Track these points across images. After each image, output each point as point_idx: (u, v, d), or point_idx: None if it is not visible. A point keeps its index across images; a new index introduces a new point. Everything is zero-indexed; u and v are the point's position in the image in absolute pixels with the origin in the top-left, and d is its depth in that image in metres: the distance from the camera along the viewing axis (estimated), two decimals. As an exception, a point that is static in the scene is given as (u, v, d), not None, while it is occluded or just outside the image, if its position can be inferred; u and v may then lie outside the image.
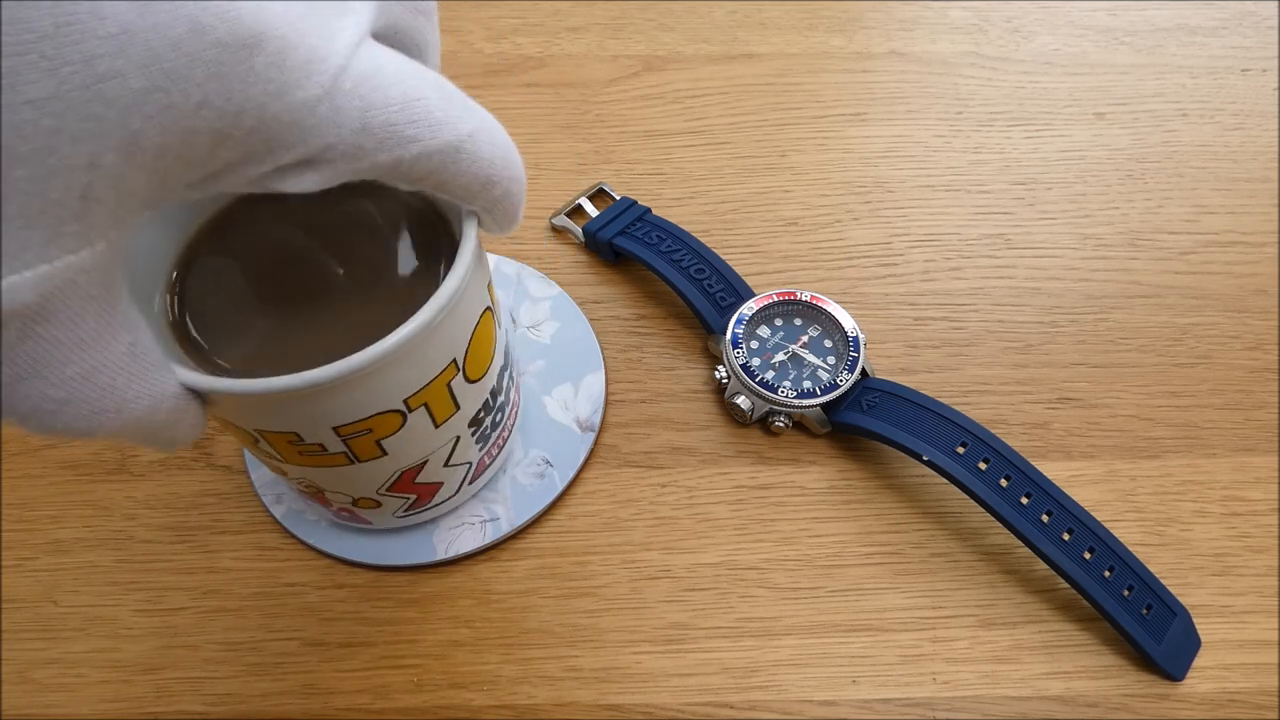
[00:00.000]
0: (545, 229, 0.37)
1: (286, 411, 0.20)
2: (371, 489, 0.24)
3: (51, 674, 0.26)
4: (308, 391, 0.18)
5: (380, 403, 0.20)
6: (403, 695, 0.26)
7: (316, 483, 0.24)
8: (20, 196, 0.13)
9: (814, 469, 0.30)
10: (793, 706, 0.25)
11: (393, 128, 0.16)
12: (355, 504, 0.25)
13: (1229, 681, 0.25)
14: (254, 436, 0.21)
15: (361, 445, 0.22)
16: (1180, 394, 0.31)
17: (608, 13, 0.45)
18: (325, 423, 0.20)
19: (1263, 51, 0.43)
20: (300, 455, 0.22)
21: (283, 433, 0.21)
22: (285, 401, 0.19)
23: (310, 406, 0.20)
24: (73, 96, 0.13)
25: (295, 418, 0.20)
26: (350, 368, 0.18)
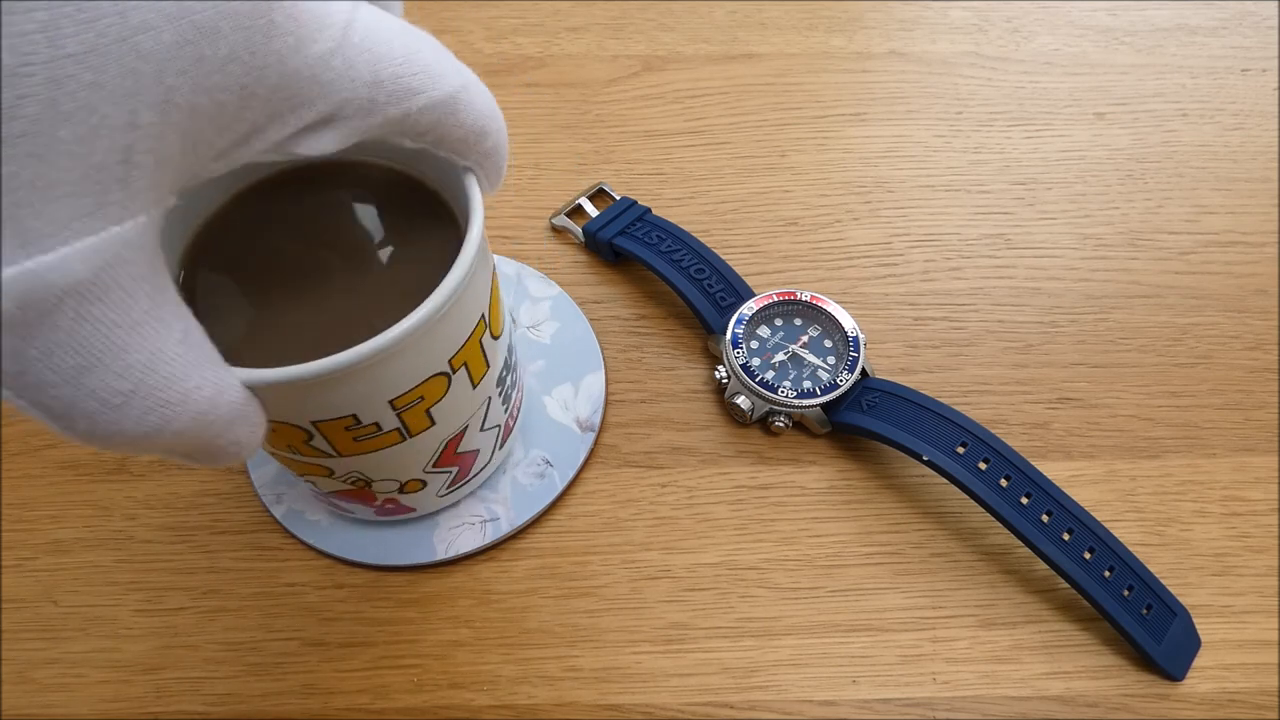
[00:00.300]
0: (545, 229, 0.37)
1: (347, 391, 0.20)
2: (419, 467, 0.24)
3: (51, 674, 0.26)
4: (371, 362, 0.18)
5: (429, 365, 0.21)
6: (403, 695, 0.26)
7: (366, 473, 0.24)
8: (66, 159, 0.13)
9: (814, 469, 0.30)
10: (793, 706, 0.25)
11: (399, 80, 0.16)
12: (403, 489, 0.25)
13: (1229, 681, 0.25)
14: (307, 432, 0.21)
15: (413, 416, 0.22)
16: (1180, 394, 0.31)
17: (608, 13, 0.45)
18: (382, 397, 0.20)
19: (1263, 51, 0.43)
20: (355, 442, 0.22)
21: (340, 418, 0.20)
22: (347, 379, 0.19)
23: (369, 381, 0.20)
24: (110, 50, 0.13)
25: (354, 397, 0.20)
26: (411, 327, 0.18)
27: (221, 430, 0.17)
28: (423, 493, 0.26)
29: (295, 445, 0.22)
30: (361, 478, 0.24)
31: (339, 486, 0.25)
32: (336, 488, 0.25)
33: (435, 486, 0.26)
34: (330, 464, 0.23)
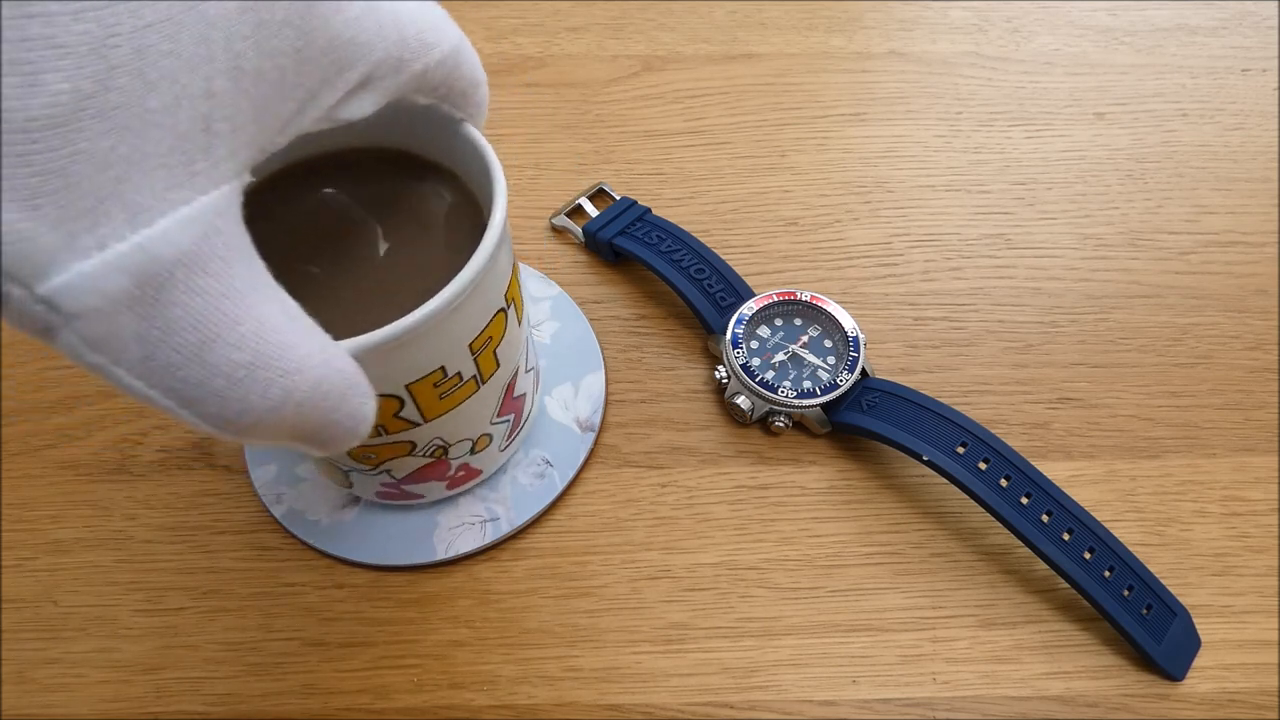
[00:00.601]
0: (545, 229, 0.37)
1: (436, 341, 0.20)
2: (487, 418, 0.25)
3: (51, 674, 0.26)
4: (458, 303, 0.19)
5: (493, 301, 0.22)
6: (403, 695, 0.26)
7: (445, 437, 0.24)
8: (156, 130, 0.13)
9: (814, 469, 0.30)
10: (793, 706, 0.25)
11: (420, 35, 0.17)
12: (474, 448, 0.26)
13: (1229, 681, 0.25)
14: (400, 400, 0.21)
15: (485, 360, 0.23)
16: (1180, 394, 0.31)
17: (608, 13, 0.45)
18: (462, 341, 0.21)
19: (1263, 51, 0.43)
20: (440, 400, 0.22)
21: (429, 375, 0.21)
22: (438, 328, 0.20)
23: (453, 326, 0.21)
24: (184, 19, 0.13)
25: (442, 345, 0.21)
26: (484, 260, 0.20)
27: (338, 402, 0.16)
28: (489, 450, 0.27)
29: (384, 422, 0.22)
30: (441, 444, 0.24)
31: (417, 464, 0.25)
32: (414, 466, 0.25)
33: (498, 439, 0.27)
34: (414, 435, 0.23)
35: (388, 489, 0.27)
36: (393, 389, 0.21)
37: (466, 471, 0.27)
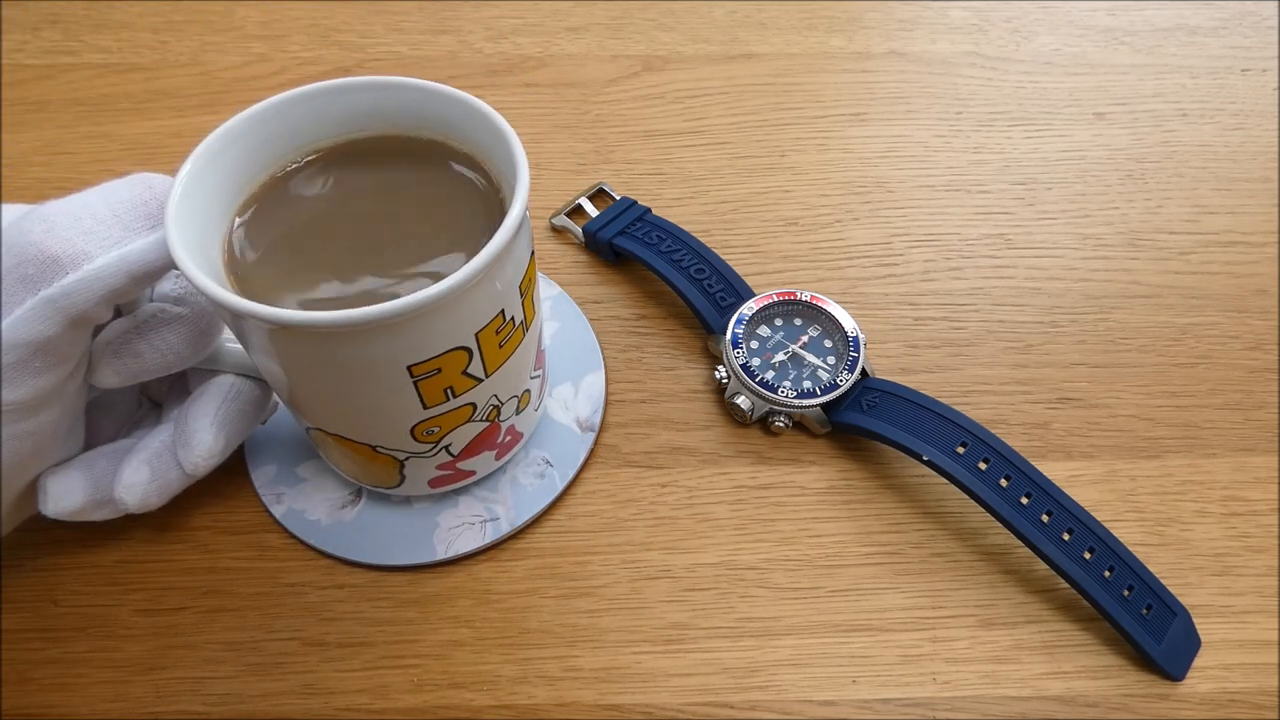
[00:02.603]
0: (545, 229, 0.37)
1: (500, 280, 0.22)
2: (528, 370, 0.26)
3: (51, 674, 0.26)
4: (515, 237, 0.21)
5: (527, 245, 0.23)
6: (403, 695, 0.26)
7: (500, 393, 0.25)
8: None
9: (814, 469, 0.30)
10: (793, 706, 0.25)
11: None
12: (519, 406, 0.26)
13: (1229, 681, 0.25)
14: (469, 352, 0.22)
15: (528, 304, 0.24)
16: (1180, 394, 0.31)
17: (608, 13, 0.45)
18: (515, 281, 0.23)
19: (1263, 51, 0.43)
20: (500, 349, 0.23)
21: (492, 320, 0.22)
22: (501, 265, 0.21)
23: (509, 265, 0.22)
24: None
25: (503, 286, 0.22)
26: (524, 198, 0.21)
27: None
28: (527, 410, 0.27)
29: (452, 383, 0.23)
30: (495, 403, 0.25)
31: (474, 431, 0.25)
32: (471, 435, 0.25)
33: (534, 397, 0.27)
34: (475, 395, 0.24)
35: (443, 471, 0.27)
36: (464, 340, 0.22)
37: (513, 436, 0.27)
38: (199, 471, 0.25)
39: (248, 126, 0.23)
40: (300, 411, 0.25)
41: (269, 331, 0.20)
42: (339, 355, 0.21)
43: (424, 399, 0.23)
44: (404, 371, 0.21)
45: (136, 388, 0.27)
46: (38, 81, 0.43)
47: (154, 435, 0.25)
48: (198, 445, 0.24)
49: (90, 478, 0.25)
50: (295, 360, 0.22)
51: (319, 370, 0.22)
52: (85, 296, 0.20)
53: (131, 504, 0.25)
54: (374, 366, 0.21)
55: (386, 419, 0.24)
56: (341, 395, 0.22)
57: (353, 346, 0.20)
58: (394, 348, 0.21)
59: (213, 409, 0.25)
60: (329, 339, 0.20)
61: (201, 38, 0.45)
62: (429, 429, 0.24)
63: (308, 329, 0.20)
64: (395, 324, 0.20)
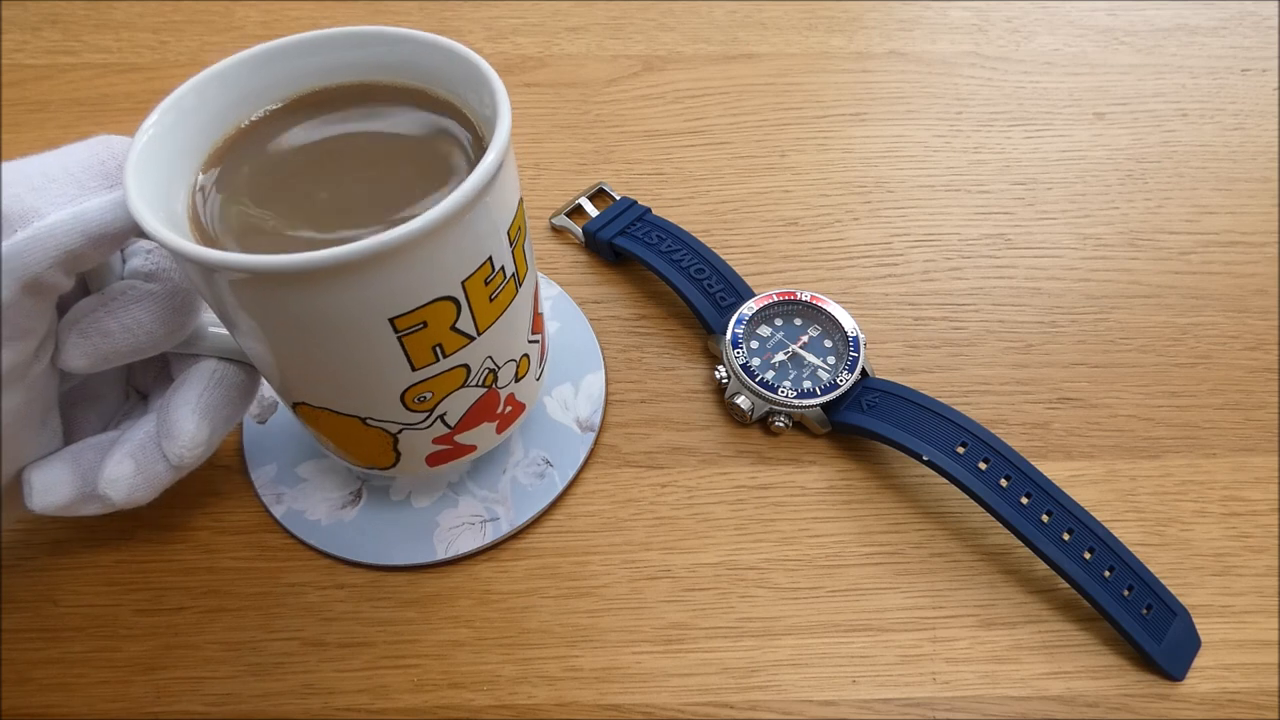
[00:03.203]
0: (545, 229, 0.37)
1: (484, 221, 0.21)
2: (524, 333, 0.25)
3: (51, 674, 0.26)
4: (497, 172, 0.20)
5: (514, 188, 0.22)
6: (403, 695, 0.26)
7: (495, 354, 0.24)
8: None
9: (814, 469, 0.30)
10: (793, 706, 0.25)
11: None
12: (517, 374, 0.25)
13: (1229, 681, 0.25)
14: (456, 304, 0.21)
15: (519, 255, 0.23)
16: (1180, 394, 0.31)
17: (608, 13, 0.45)
18: (502, 225, 0.21)
19: (1263, 51, 0.43)
20: (490, 303, 0.22)
21: (480, 268, 0.21)
22: (485, 204, 0.20)
23: (493, 206, 0.21)
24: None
25: (488, 229, 0.21)
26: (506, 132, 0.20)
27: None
28: (527, 379, 0.26)
29: (442, 340, 0.22)
30: (491, 367, 0.24)
31: (471, 398, 0.24)
32: (468, 403, 0.24)
33: (534, 365, 0.26)
34: (468, 356, 0.23)
35: (440, 445, 0.26)
36: (449, 289, 0.21)
37: (513, 406, 0.26)
38: (185, 463, 0.23)
39: (219, 80, 0.22)
40: (285, 383, 0.24)
41: (239, 284, 0.19)
42: (316, 307, 0.19)
43: (411, 358, 0.22)
44: (386, 325, 0.20)
45: (121, 379, 0.26)
46: (38, 81, 0.43)
47: (138, 426, 0.24)
48: (180, 434, 0.23)
49: (77, 470, 0.24)
50: (271, 318, 0.20)
51: (297, 329, 0.20)
52: (37, 257, 0.19)
53: (117, 499, 0.23)
54: (354, 320, 0.20)
55: (373, 383, 0.22)
56: (324, 358, 0.21)
57: (329, 295, 0.19)
58: (372, 296, 0.19)
59: (195, 395, 0.23)
60: (303, 287, 0.19)
61: (201, 38, 0.45)
62: (420, 395, 0.23)
63: (278, 274, 0.18)
64: (370, 266, 0.19)
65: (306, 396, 0.23)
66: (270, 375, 0.24)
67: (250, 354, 0.23)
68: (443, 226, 0.19)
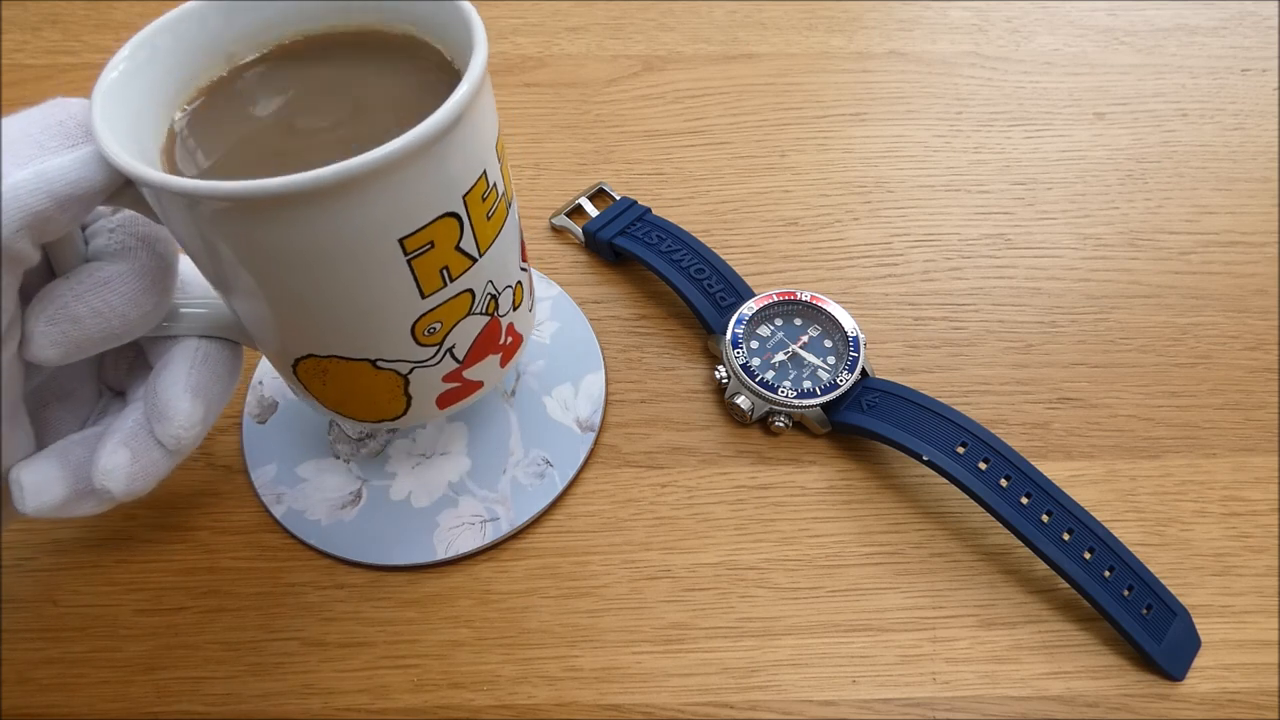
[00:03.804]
0: (545, 229, 0.37)
1: (475, 133, 0.20)
2: (516, 259, 0.25)
3: (51, 674, 0.26)
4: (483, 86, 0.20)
5: (493, 108, 0.22)
6: (403, 695, 0.26)
7: (495, 278, 0.23)
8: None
9: (814, 469, 0.30)
10: (793, 706, 0.25)
11: None
12: (514, 302, 0.25)
13: (1229, 681, 0.25)
14: (459, 220, 0.21)
15: (505, 172, 0.23)
16: (1180, 394, 0.31)
17: (608, 13, 0.45)
18: (489, 141, 0.21)
19: (1263, 51, 0.43)
20: (488, 221, 0.22)
21: (477, 183, 0.21)
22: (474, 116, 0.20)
23: (481, 119, 0.20)
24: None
25: (479, 143, 0.21)
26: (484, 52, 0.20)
27: None
28: (522, 309, 0.26)
29: (448, 262, 0.21)
30: (492, 291, 0.24)
31: (476, 328, 0.24)
32: (473, 334, 0.24)
33: (526, 295, 0.26)
34: (472, 279, 0.22)
35: (450, 384, 0.25)
36: (452, 204, 0.20)
37: (514, 337, 0.26)
38: (182, 445, 0.22)
39: (196, 19, 0.21)
40: (288, 337, 0.23)
41: (239, 221, 0.18)
42: (326, 234, 0.19)
43: (421, 284, 0.21)
44: (396, 247, 0.20)
45: (93, 373, 0.25)
46: (38, 81, 0.43)
47: (124, 416, 0.23)
48: (175, 415, 0.22)
49: (67, 466, 0.22)
50: (277, 256, 0.19)
51: (305, 264, 0.20)
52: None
53: (116, 490, 0.22)
54: (364, 243, 0.19)
55: (385, 316, 0.22)
56: (334, 294, 0.20)
57: (338, 218, 0.18)
58: (381, 214, 0.19)
59: (183, 375, 0.22)
60: (311, 211, 0.18)
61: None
62: (430, 326, 0.22)
63: (286, 197, 0.17)
64: (378, 180, 0.18)
65: (313, 346, 0.22)
66: (268, 333, 0.23)
67: (246, 314, 0.22)
68: (444, 133, 0.18)
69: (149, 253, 0.21)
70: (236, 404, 0.31)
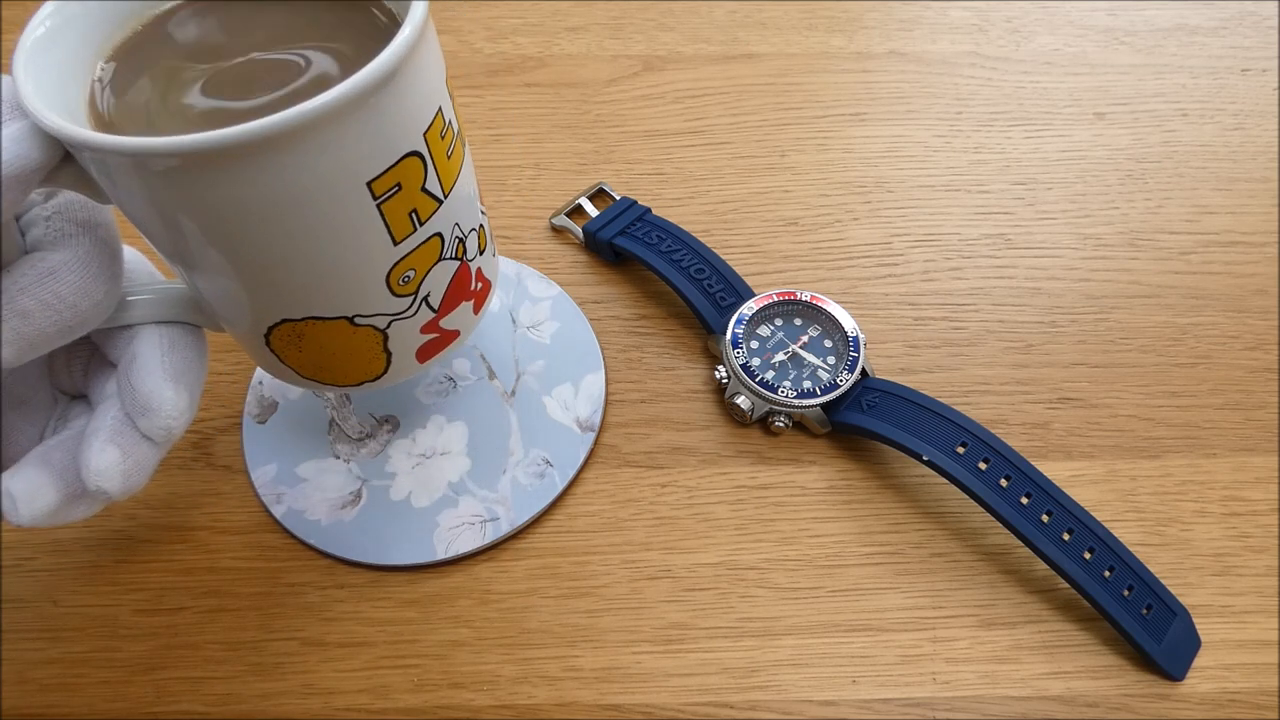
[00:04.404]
0: (545, 229, 0.37)
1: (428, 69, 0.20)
2: (476, 194, 0.24)
3: (51, 674, 0.26)
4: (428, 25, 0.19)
5: (440, 56, 0.21)
6: (403, 695, 0.26)
7: (460, 222, 0.23)
8: None
9: (814, 469, 0.30)
10: (793, 706, 0.25)
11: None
12: (480, 247, 0.25)
13: (1229, 681, 0.25)
14: (422, 160, 0.20)
15: (457, 113, 0.22)
16: (1180, 394, 0.31)
17: (608, 13, 0.45)
18: (440, 76, 0.21)
19: (1263, 51, 0.43)
20: (448, 159, 0.21)
21: (434, 121, 0.20)
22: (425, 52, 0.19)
23: (431, 55, 0.20)
24: None
25: (432, 80, 0.20)
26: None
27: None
28: (487, 253, 0.26)
29: (416, 205, 0.21)
30: (459, 235, 0.23)
31: (447, 275, 0.23)
32: (445, 280, 0.23)
33: (489, 241, 0.26)
34: (439, 222, 0.22)
35: (429, 335, 0.24)
36: (414, 143, 0.20)
37: (483, 283, 0.26)
38: (174, 435, 0.22)
39: None
40: (260, 303, 0.22)
41: (197, 175, 0.17)
42: (292, 185, 0.18)
43: (392, 230, 0.21)
44: (365, 191, 0.19)
45: (46, 378, 0.24)
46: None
47: (101, 416, 0.22)
48: (161, 406, 0.21)
49: (53, 470, 0.21)
50: (242, 216, 0.18)
51: (274, 221, 0.19)
52: None
53: (113, 489, 0.21)
54: (332, 191, 0.19)
55: (358, 267, 0.21)
56: (305, 248, 0.20)
57: (303, 166, 0.18)
58: (347, 157, 0.18)
59: (158, 365, 0.21)
60: (279, 160, 0.17)
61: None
62: (405, 274, 0.22)
63: (248, 145, 0.16)
64: (342, 120, 0.17)
65: (287, 310, 0.22)
66: (237, 305, 0.22)
67: (211, 288, 0.21)
68: (404, 64, 0.18)
69: (91, 239, 0.20)
70: (236, 404, 0.31)
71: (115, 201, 0.19)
